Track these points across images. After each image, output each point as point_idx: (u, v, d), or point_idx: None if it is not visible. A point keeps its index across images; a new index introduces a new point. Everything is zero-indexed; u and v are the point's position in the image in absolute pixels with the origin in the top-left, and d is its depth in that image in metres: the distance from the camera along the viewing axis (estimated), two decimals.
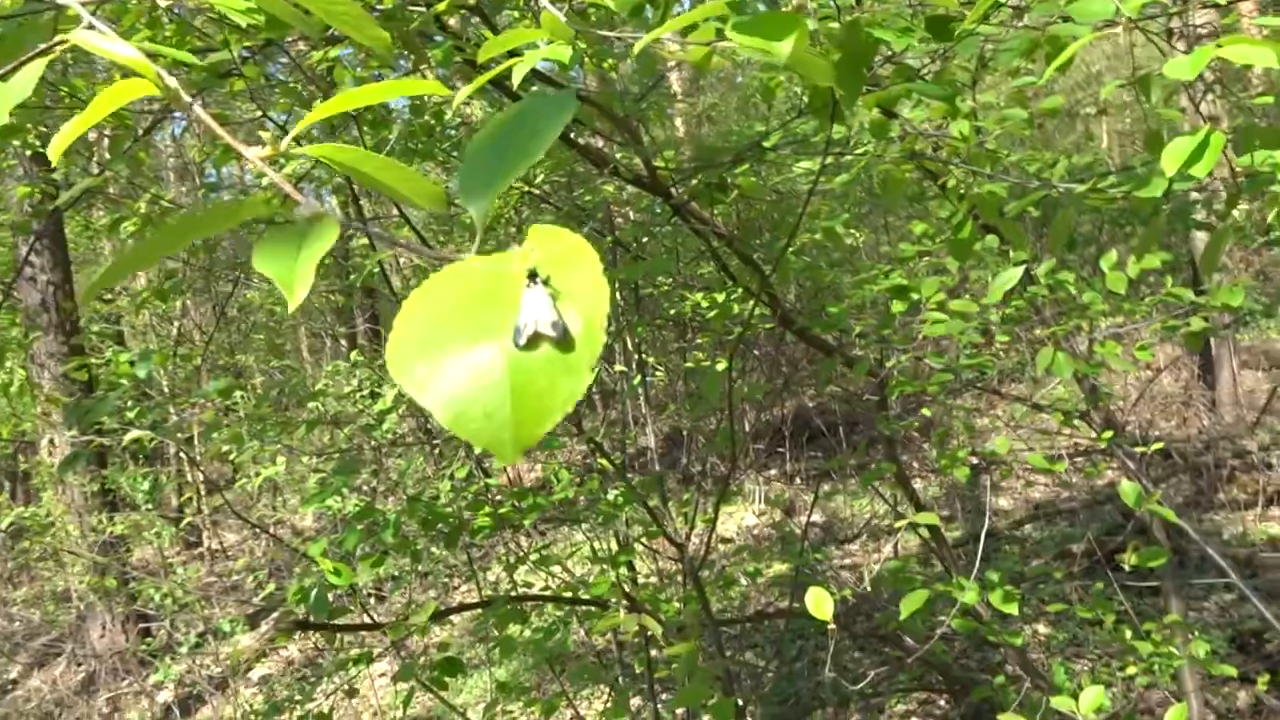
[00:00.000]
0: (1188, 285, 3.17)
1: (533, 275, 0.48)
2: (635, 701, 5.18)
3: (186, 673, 7.72)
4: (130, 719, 7.66)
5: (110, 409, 3.12)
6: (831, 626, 1.58)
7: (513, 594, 2.59)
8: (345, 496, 4.94)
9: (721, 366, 3.15)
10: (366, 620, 2.47)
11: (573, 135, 3.15)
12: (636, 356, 4.48)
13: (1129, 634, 3.66)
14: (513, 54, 0.98)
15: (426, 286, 0.48)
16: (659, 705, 5.25)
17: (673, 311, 3.74)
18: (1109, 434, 3.28)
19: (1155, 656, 3.65)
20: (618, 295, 3.02)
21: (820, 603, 1.62)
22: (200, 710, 7.63)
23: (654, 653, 4.30)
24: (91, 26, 0.58)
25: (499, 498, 3.12)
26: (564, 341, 0.46)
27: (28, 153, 4.29)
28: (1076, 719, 1.94)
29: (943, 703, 5.11)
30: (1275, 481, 6.57)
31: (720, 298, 3.37)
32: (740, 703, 2.18)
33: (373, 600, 7.93)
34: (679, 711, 5.40)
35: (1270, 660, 4.64)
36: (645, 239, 3.59)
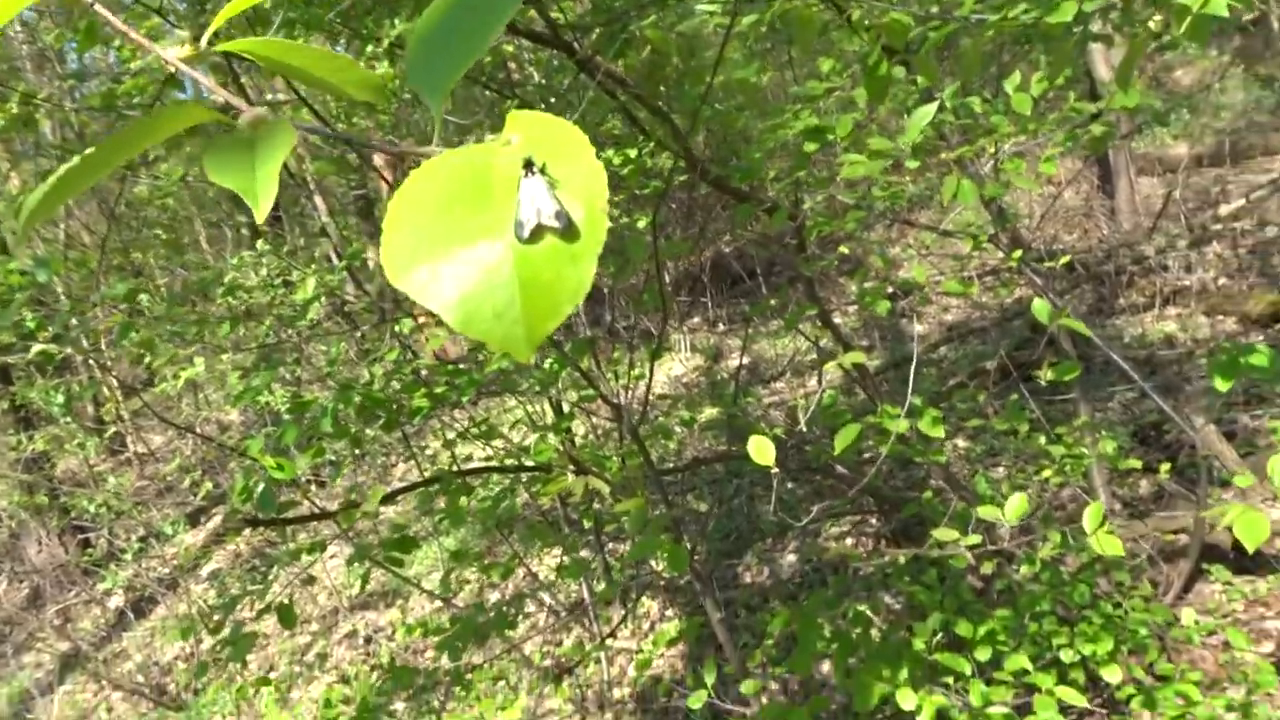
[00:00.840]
0: (1084, 98, 3.23)
1: (529, 165, 0.46)
2: (585, 554, 5.37)
3: (134, 577, 7.73)
4: (84, 628, 7.69)
5: (7, 323, 2.99)
6: (775, 470, 1.66)
7: (459, 468, 2.63)
8: (272, 390, 4.88)
9: (643, 224, 3.13)
10: (314, 510, 2.50)
11: None
12: None
13: (1042, 440, 3.89)
14: None
15: (410, 185, 0.46)
16: (607, 556, 5.46)
17: None
18: (1018, 253, 3.39)
19: (1067, 458, 3.90)
20: None
21: (762, 449, 1.68)
22: (154, 611, 7.69)
23: (597, 506, 4.44)
24: None
25: (431, 376, 3.12)
26: (568, 231, 0.45)
27: None
28: (1000, 524, 2.08)
29: (874, 521, 5.40)
30: (1171, 282, 6.91)
31: (633, 153, 3.32)
32: (688, 546, 2.29)
33: (314, 487, 7.96)
34: (625, 556, 5.62)
35: (1169, 449, 4.98)
36: (552, 99, 3.49)
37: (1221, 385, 1.52)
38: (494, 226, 0.45)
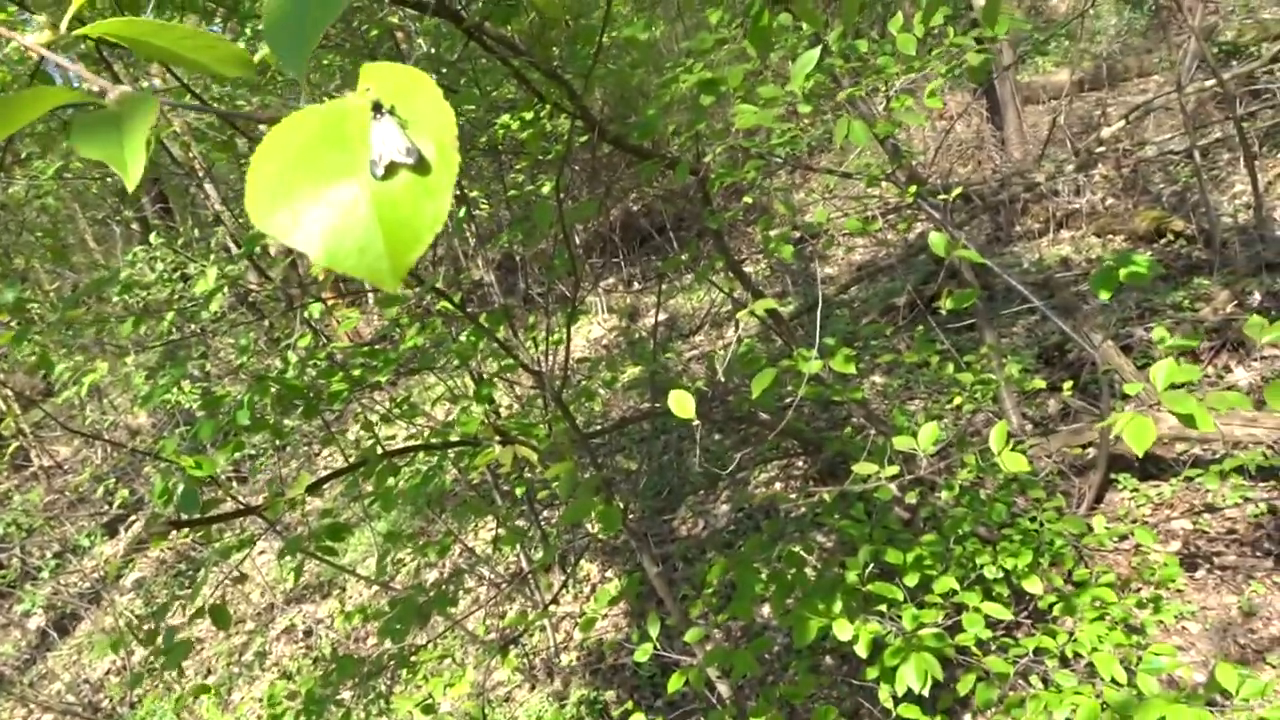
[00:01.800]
0: (966, 33, 3.31)
1: (378, 107, 0.48)
2: (520, 523, 5.38)
3: (54, 594, 7.48)
4: (5, 652, 7.42)
5: None
6: (696, 422, 1.68)
7: (383, 450, 2.61)
8: (181, 388, 4.73)
9: (547, 189, 3.11)
10: (239, 507, 2.45)
11: None
12: (457, 191, 4.35)
13: (952, 369, 4.02)
14: None
15: (272, 137, 0.48)
16: (542, 524, 5.48)
17: (484, 140, 3.64)
18: (914, 189, 3.47)
19: (976, 385, 4.05)
20: None
21: (682, 403, 1.71)
22: (78, 627, 7.45)
23: (528, 475, 4.44)
24: None
25: (346, 359, 3.07)
26: (420, 166, 0.47)
27: None
28: (918, 454, 2.15)
29: (800, 464, 5.53)
30: (1062, 207, 7.15)
31: (529, 117, 3.29)
32: (621, 505, 2.31)
33: (234, 484, 7.78)
34: (559, 521, 5.65)
35: (1072, 368, 5.19)
36: (443, 69, 3.43)
37: (1104, 295, 1.60)
38: (350, 167, 0.47)
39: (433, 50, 3.76)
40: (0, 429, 9.65)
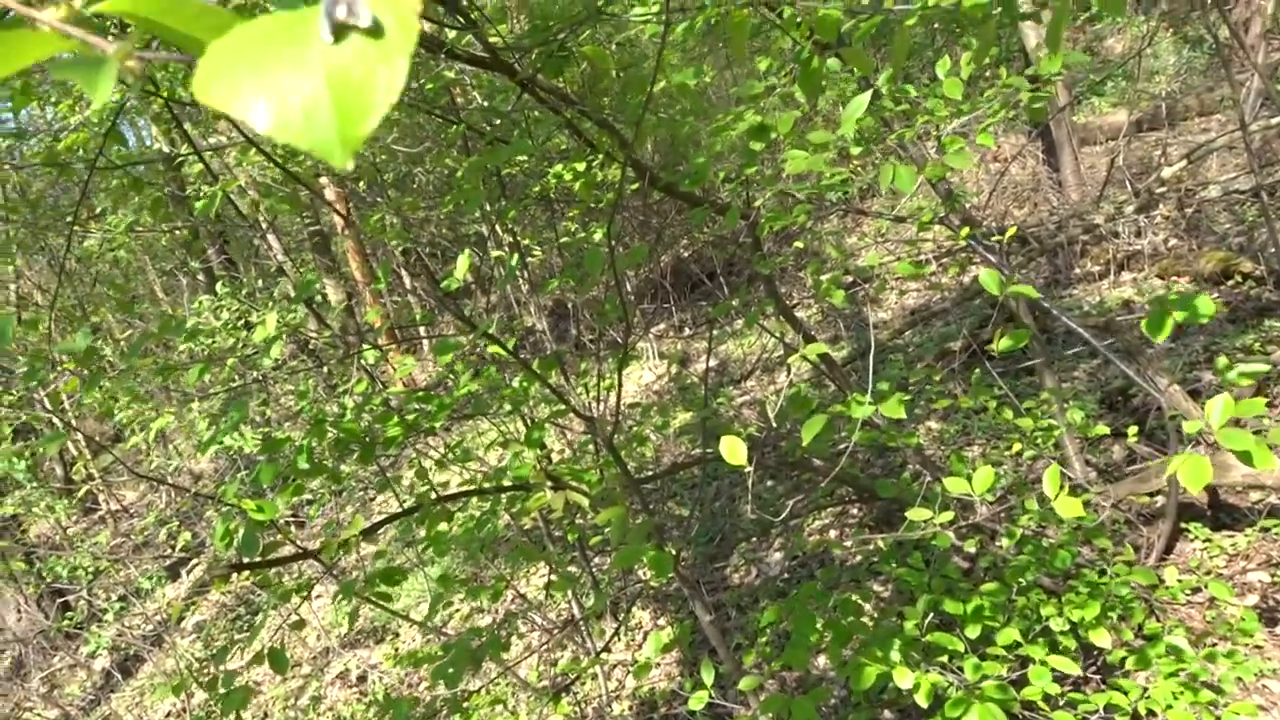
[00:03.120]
0: (1020, 74, 3.29)
1: None
2: (572, 569, 5.36)
3: (118, 637, 7.61)
4: (71, 693, 7.55)
5: None
6: (748, 468, 1.67)
7: (437, 495, 2.62)
8: (242, 433, 4.84)
9: (599, 236, 3.15)
10: (296, 550, 2.48)
11: None
12: (510, 239, 4.43)
13: (1010, 414, 3.94)
14: None
15: (233, 31, 0.46)
16: (594, 570, 5.45)
17: (537, 189, 3.69)
18: (967, 231, 3.44)
19: (1037, 430, 3.96)
20: (480, 184, 2.96)
21: (734, 449, 1.69)
22: (141, 669, 7.57)
23: (580, 521, 4.44)
24: None
25: (401, 405, 3.10)
26: (375, 30, 0.44)
27: None
28: (975, 500, 2.11)
29: (855, 511, 5.44)
30: (1123, 248, 7.02)
31: (581, 167, 3.33)
32: (672, 551, 2.30)
33: (292, 528, 7.89)
34: (610, 566, 5.62)
35: (1137, 413, 5.06)
36: (497, 120, 3.50)
37: (1158, 337, 1.56)
38: (299, 34, 0.44)
39: (486, 103, 3.85)
40: (71, 474, 9.92)
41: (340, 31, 0.43)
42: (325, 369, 4.97)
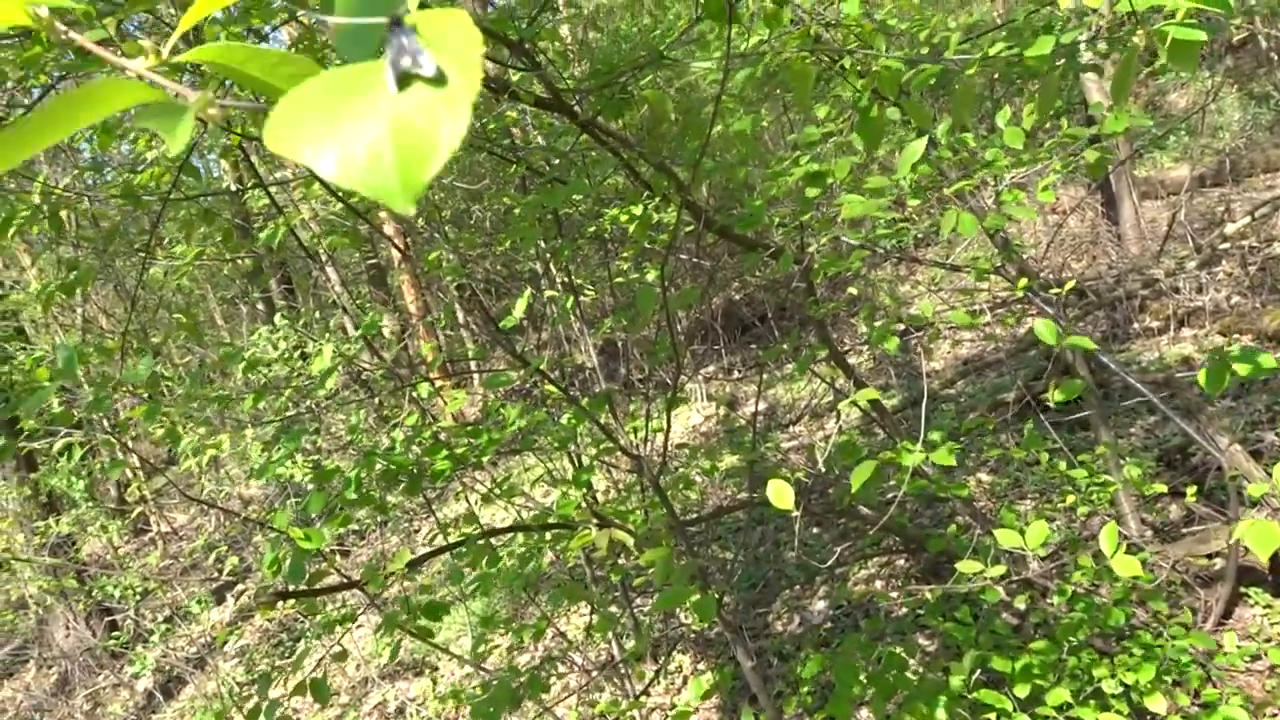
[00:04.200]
0: (1081, 127, 3.27)
1: (396, 21, 0.46)
2: (613, 610, 5.33)
3: (162, 658, 7.71)
4: (114, 712, 7.64)
5: (41, 401, 3.03)
6: (796, 513, 1.66)
7: (482, 530, 2.64)
8: (295, 460, 4.91)
9: (652, 277, 3.17)
10: (341, 579, 2.50)
11: None
12: (564, 279, 4.48)
13: (1065, 468, 3.86)
14: None
15: (305, 83, 0.47)
16: (635, 611, 5.41)
17: (592, 230, 3.74)
18: (1024, 282, 3.40)
19: (1092, 486, 3.87)
20: (535, 222, 3.00)
21: (781, 493, 1.69)
22: (183, 691, 7.64)
23: (623, 561, 4.42)
24: None
25: (450, 438, 3.13)
26: (439, 79, 0.44)
27: None
28: (1027, 555, 2.07)
29: (902, 562, 5.35)
30: (1183, 304, 6.89)
31: (638, 210, 3.37)
32: (716, 596, 2.28)
33: (338, 557, 7.96)
34: (653, 608, 5.57)
35: (1196, 472, 4.93)
36: (555, 159, 3.56)
37: (1215, 390, 1.52)
38: (366, 83, 0.46)
39: (546, 143, 3.92)
40: (125, 494, 10.13)
41: (405, 81, 0.44)
42: (377, 400, 5.04)
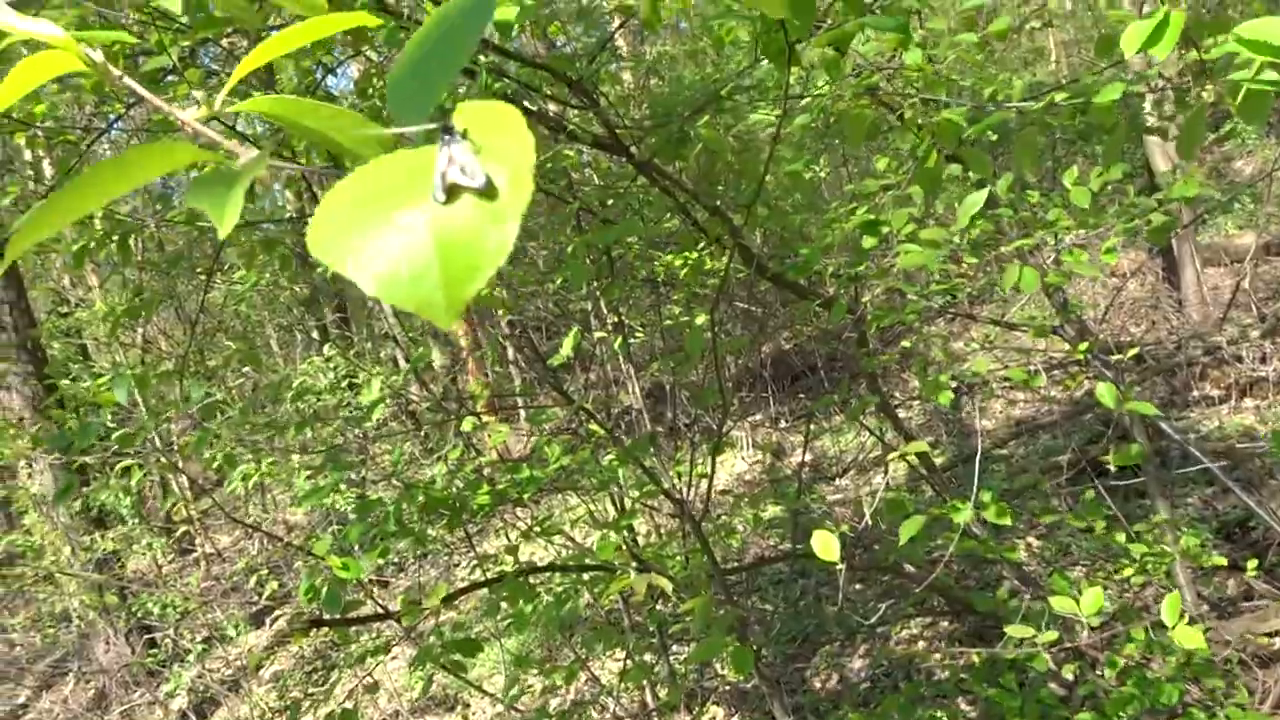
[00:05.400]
0: (1144, 192, 3.21)
1: (448, 130, 0.45)
2: (648, 657, 5.26)
3: (197, 678, 7.75)
4: None
5: (93, 436, 3.08)
6: (840, 566, 1.62)
7: (520, 568, 2.62)
8: (339, 489, 4.94)
9: (701, 320, 3.16)
10: (376, 610, 2.49)
11: (526, 104, 3.13)
12: (615, 319, 4.48)
13: (1121, 537, 3.74)
14: None
15: (349, 178, 0.46)
16: (671, 659, 5.33)
17: (644, 273, 3.75)
18: (1085, 345, 3.33)
19: (1148, 556, 3.74)
20: (588, 261, 3.02)
21: (826, 544, 1.65)
22: (215, 713, 7.67)
23: (661, 607, 4.36)
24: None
25: (493, 474, 3.13)
26: (487, 191, 0.43)
27: None
28: (1078, 623, 2.00)
29: (946, 623, 5.22)
30: (1246, 373, 6.70)
31: (692, 256, 3.37)
32: (754, 647, 2.23)
33: (376, 588, 7.98)
34: (689, 659, 5.48)
35: (1256, 546, 4.76)
36: (610, 200, 3.58)
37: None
38: (412, 193, 0.44)
39: (601, 184, 3.95)
40: (172, 514, 10.27)
41: (453, 192, 0.43)
42: (423, 433, 5.07)
